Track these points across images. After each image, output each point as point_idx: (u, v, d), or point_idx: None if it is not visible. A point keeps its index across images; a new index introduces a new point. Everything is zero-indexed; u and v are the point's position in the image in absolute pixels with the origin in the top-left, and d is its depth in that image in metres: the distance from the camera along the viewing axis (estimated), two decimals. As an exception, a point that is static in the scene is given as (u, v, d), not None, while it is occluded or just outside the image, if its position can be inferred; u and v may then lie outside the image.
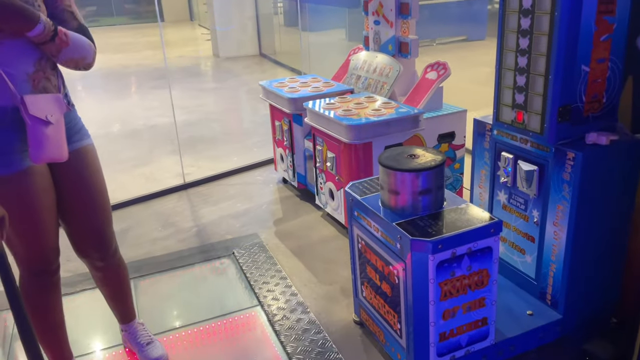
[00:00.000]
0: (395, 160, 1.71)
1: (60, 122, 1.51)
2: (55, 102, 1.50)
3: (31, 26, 1.38)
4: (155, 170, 3.90)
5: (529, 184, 1.84)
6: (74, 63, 1.54)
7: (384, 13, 2.95)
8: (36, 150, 1.44)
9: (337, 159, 2.66)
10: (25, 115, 1.42)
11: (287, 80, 3.45)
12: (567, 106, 1.67)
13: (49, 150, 1.46)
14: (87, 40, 1.56)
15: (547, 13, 1.60)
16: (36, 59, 1.48)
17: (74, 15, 1.56)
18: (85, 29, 1.58)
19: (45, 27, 1.41)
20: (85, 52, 1.55)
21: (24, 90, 1.45)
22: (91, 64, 1.60)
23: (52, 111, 1.49)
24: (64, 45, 1.47)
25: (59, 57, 1.50)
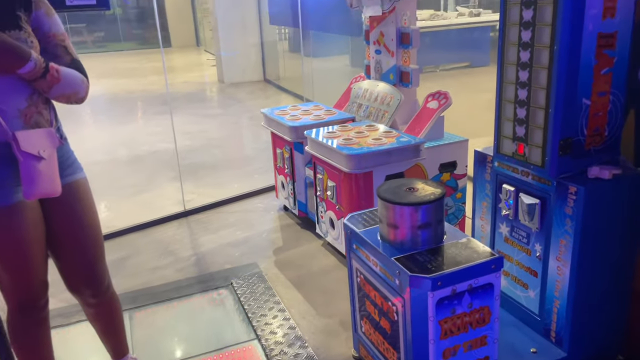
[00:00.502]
0: (394, 194, 1.69)
1: (53, 156, 1.50)
2: (47, 137, 1.49)
3: (22, 64, 1.38)
4: (156, 197, 3.89)
5: (531, 218, 1.81)
6: (65, 98, 1.54)
7: (385, 42, 2.96)
8: (29, 186, 1.43)
9: (338, 188, 2.64)
10: (17, 151, 1.41)
11: (288, 108, 3.45)
12: (568, 139, 1.65)
13: (41, 186, 1.45)
14: (79, 75, 1.56)
15: (547, 47, 1.59)
16: (28, 94, 1.47)
17: (67, 50, 1.56)
18: (78, 63, 1.58)
19: (36, 64, 1.40)
20: (77, 87, 1.54)
21: (16, 126, 1.44)
22: (83, 99, 1.59)
23: (44, 146, 1.47)
24: (55, 81, 1.47)
25: (50, 93, 1.49)
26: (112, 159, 4.94)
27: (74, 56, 1.58)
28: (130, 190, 4.07)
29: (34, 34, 1.49)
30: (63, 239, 1.64)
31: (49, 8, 1.55)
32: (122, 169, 4.66)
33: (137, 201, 3.83)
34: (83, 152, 1.86)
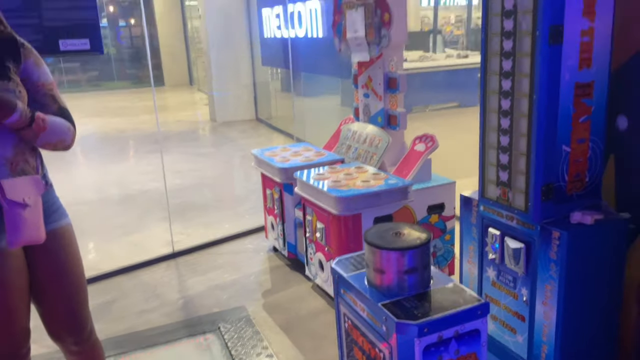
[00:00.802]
0: (381, 238, 1.70)
1: (38, 203, 1.50)
2: (33, 184, 1.50)
3: (8, 114, 1.40)
4: (144, 238, 3.87)
5: (517, 262, 1.82)
6: (51, 146, 1.56)
7: (373, 87, 3.03)
8: (13, 234, 1.43)
9: (327, 229, 2.64)
10: (2, 199, 1.42)
11: (279, 149, 3.49)
12: (549, 185, 1.68)
13: (26, 233, 1.45)
14: (66, 123, 1.58)
15: (526, 96, 1.64)
16: (14, 143, 1.49)
17: (54, 99, 1.59)
18: (65, 111, 1.60)
19: (22, 115, 1.42)
20: (64, 135, 1.57)
21: (3, 174, 1.45)
22: (69, 146, 1.61)
23: (29, 193, 1.48)
24: (41, 130, 1.49)
25: (37, 142, 1.52)
26: (101, 199, 4.93)
27: (61, 104, 1.60)
28: (119, 230, 4.04)
29: (23, 84, 1.52)
30: (46, 286, 1.62)
31: (38, 58, 1.59)
32: (111, 209, 4.64)
33: (126, 242, 3.80)
34: (72, 192, 1.87)
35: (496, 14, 1.72)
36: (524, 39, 1.62)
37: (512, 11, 1.65)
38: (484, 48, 1.79)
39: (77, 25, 2.84)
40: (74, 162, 6.33)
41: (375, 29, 2.81)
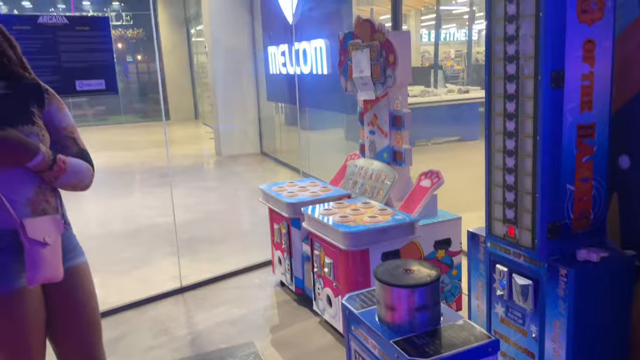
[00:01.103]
0: (391, 275, 1.73)
1: (57, 242, 1.55)
2: (52, 224, 1.55)
3: (31, 157, 1.46)
4: (152, 272, 3.89)
5: (525, 299, 1.84)
6: (71, 187, 1.62)
7: (379, 124, 3.11)
8: (32, 272, 1.47)
9: (335, 265, 2.67)
10: (24, 238, 1.47)
11: (286, 184, 3.55)
12: (555, 223, 1.72)
13: (45, 271, 1.49)
14: (85, 164, 1.64)
15: (530, 136, 1.70)
16: (36, 184, 1.55)
17: (75, 141, 1.65)
18: (85, 153, 1.67)
19: (44, 158, 1.48)
20: (83, 176, 1.63)
21: (24, 214, 1.51)
22: (88, 186, 1.67)
23: (49, 232, 1.53)
24: (62, 172, 1.55)
25: (57, 183, 1.57)
26: (108, 233, 4.97)
27: (81, 146, 1.67)
28: (126, 265, 4.07)
29: (45, 127, 1.59)
30: (62, 324, 1.65)
31: (60, 102, 1.66)
32: (118, 243, 4.67)
33: (133, 277, 3.82)
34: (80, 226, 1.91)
35: (499, 58, 1.80)
36: (526, 83, 1.70)
37: (514, 56, 1.73)
38: (488, 90, 1.87)
39: (93, 67, 2.95)
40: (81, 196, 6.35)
41: (380, 69, 2.90)
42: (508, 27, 1.72)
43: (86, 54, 2.94)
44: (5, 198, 1.47)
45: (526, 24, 1.66)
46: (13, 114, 1.52)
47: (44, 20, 2.79)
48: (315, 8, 5.68)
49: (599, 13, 1.64)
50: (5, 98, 1.54)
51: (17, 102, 1.56)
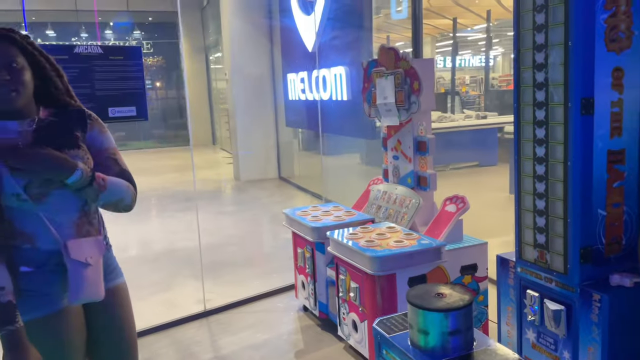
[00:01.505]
0: (424, 299, 1.74)
1: (99, 263, 1.60)
2: (95, 245, 1.60)
3: (70, 173, 1.50)
4: (176, 296, 3.92)
5: (557, 324, 1.84)
6: (113, 206, 1.65)
7: (403, 149, 3.15)
8: (75, 291, 1.52)
9: (361, 289, 2.68)
10: (67, 259, 1.52)
11: (309, 208, 3.58)
12: (587, 248, 1.73)
13: (87, 290, 1.54)
14: (125, 182, 1.67)
15: (561, 162, 1.73)
16: (80, 206, 1.60)
17: (116, 162, 1.70)
18: (127, 173, 1.71)
19: (83, 173, 1.52)
20: (123, 195, 1.65)
21: (69, 235, 1.56)
22: (130, 206, 1.70)
23: (92, 253, 1.58)
24: (102, 189, 1.58)
25: (98, 201, 1.61)
26: (131, 257, 5.03)
27: (122, 167, 1.71)
28: (151, 289, 4.11)
29: (89, 150, 1.66)
30: (102, 344, 1.69)
31: (102, 126, 1.72)
32: (142, 267, 4.72)
33: (157, 300, 3.86)
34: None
35: (528, 85, 1.84)
36: (556, 110, 1.73)
37: (543, 84, 1.77)
38: (517, 117, 1.90)
39: (125, 94, 3.05)
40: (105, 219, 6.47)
41: (405, 95, 2.96)
42: (537, 56, 1.77)
43: (119, 82, 3.04)
44: (53, 221, 1.53)
45: (555, 53, 1.70)
46: (60, 139, 1.59)
47: (80, 50, 2.91)
48: (335, 36, 5.80)
49: (627, 42, 1.68)
50: (53, 124, 1.61)
51: (64, 128, 1.63)
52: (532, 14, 1.78)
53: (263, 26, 8.45)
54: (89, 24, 13.31)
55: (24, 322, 1.45)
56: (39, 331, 1.51)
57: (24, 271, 1.50)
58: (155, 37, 15.46)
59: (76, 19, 12.99)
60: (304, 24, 6.59)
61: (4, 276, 1.44)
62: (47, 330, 1.53)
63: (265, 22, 8.45)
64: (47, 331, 1.53)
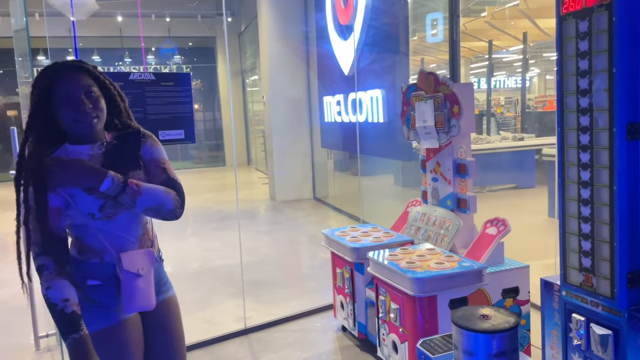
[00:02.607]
0: (469, 321, 1.77)
1: (150, 274, 1.69)
2: (146, 256, 1.70)
3: (100, 181, 1.57)
4: (216, 313, 4.01)
5: (605, 349, 1.83)
6: (154, 212, 1.68)
7: (442, 172, 3.18)
8: (128, 301, 1.62)
9: (401, 310, 2.70)
10: (120, 270, 1.62)
11: (348, 229, 3.64)
12: (635, 272, 1.73)
13: (138, 300, 1.64)
14: (164, 189, 1.69)
15: (606, 186, 1.74)
16: (143, 224, 1.72)
17: (165, 171, 1.74)
18: (173, 181, 1.74)
19: (114, 180, 1.58)
20: (163, 200, 1.67)
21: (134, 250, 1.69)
22: (174, 212, 1.72)
23: (143, 264, 1.68)
24: (137, 194, 1.61)
25: (137, 207, 1.64)
26: (170, 274, 5.14)
27: (170, 175, 1.75)
28: (191, 306, 4.20)
29: (144, 164, 1.75)
30: (154, 354, 1.78)
31: (155, 140, 1.81)
32: (181, 284, 4.79)
33: (198, 317, 3.95)
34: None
35: (571, 110, 1.87)
36: (601, 134, 1.75)
37: (587, 109, 1.80)
38: (560, 141, 1.92)
39: (174, 118, 3.20)
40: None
41: (444, 118, 3.01)
42: (581, 82, 1.80)
43: (169, 107, 3.20)
44: (121, 237, 1.65)
45: (599, 79, 1.73)
46: (125, 160, 1.71)
47: (135, 77, 3.08)
48: (372, 60, 5.91)
49: (672, 68, 1.69)
50: (119, 147, 1.73)
51: (128, 150, 1.74)
52: (575, 41, 1.81)
53: (300, 50, 8.66)
54: (132, 49, 13.88)
55: (91, 333, 1.55)
56: (104, 341, 1.61)
57: (91, 284, 1.60)
58: (195, 61, 15.97)
59: (121, 45, 13.59)
60: (341, 48, 6.74)
61: (69, 288, 1.54)
62: (111, 341, 1.63)
63: (303, 47, 8.67)
64: (112, 341, 1.63)
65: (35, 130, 1.61)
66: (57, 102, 1.59)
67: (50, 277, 1.52)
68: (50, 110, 1.61)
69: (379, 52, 5.75)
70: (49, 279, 1.52)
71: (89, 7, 5.59)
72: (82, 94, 1.61)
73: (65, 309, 1.50)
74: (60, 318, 1.50)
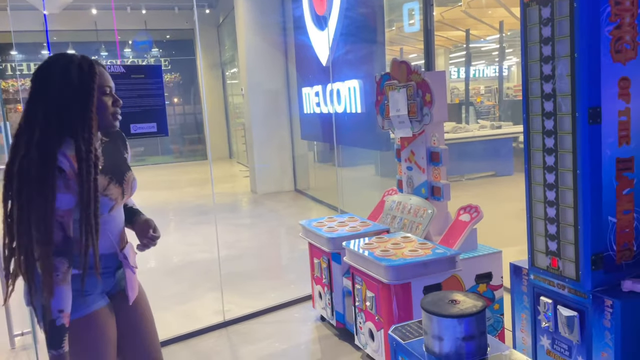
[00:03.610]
0: (438, 306, 1.79)
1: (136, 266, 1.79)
2: (133, 250, 1.79)
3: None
4: (195, 307, 3.99)
5: (571, 330, 1.86)
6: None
7: (416, 160, 3.20)
8: (132, 292, 1.76)
9: (377, 298, 2.72)
10: (126, 264, 1.74)
11: (325, 219, 3.64)
12: (599, 254, 1.76)
13: (135, 291, 1.77)
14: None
15: (570, 170, 1.77)
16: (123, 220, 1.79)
17: None
18: None
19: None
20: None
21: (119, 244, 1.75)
22: None
23: (134, 258, 1.78)
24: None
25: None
26: (150, 269, 5.12)
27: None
28: (170, 300, 4.19)
29: None
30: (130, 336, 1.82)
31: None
32: (161, 279, 4.81)
33: (177, 312, 3.94)
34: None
35: (536, 96, 1.89)
36: (564, 119, 1.77)
37: (551, 94, 1.82)
38: (526, 127, 1.95)
39: (146, 111, 3.16)
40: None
41: (417, 107, 3.02)
42: (544, 67, 1.82)
43: (140, 100, 3.15)
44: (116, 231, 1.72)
45: (562, 64, 1.75)
46: (116, 159, 1.74)
47: (104, 69, 3.03)
48: (348, 51, 5.90)
49: (633, 52, 1.72)
50: (109, 146, 1.74)
51: (117, 150, 1.77)
52: (539, 27, 1.83)
53: (278, 42, 8.61)
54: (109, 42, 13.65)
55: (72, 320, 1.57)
56: (83, 329, 1.63)
57: (74, 273, 1.60)
58: (173, 54, 15.77)
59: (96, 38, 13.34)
60: (318, 39, 6.71)
61: (67, 297, 1.53)
62: (90, 328, 1.65)
63: (280, 38, 8.61)
64: (90, 329, 1.65)
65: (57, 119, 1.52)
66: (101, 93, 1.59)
67: (57, 280, 1.49)
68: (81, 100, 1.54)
69: (355, 42, 5.74)
70: (57, 281, 1.49)
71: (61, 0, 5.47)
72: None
73: (56, 321, 1.49)
74: (51, 329, 1.49)
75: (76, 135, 1.52)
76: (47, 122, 1.51)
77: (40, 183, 1.46)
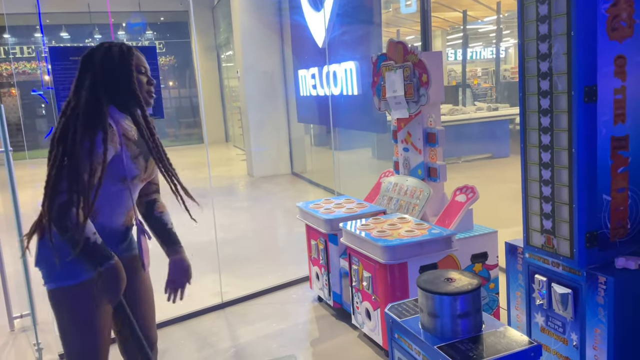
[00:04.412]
0: (434, 284, 1.81)
1: None
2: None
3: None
4: (193, 289, 3.98)
5: (565, 307, 1.89)
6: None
7: (412, 141, 3.20)
8: (147, 259, 1.96)
9: (373, 278, 2.75)
10: (140, 233, 1.93)
11: (322, 201, 3.65)
12: (593, 232, 1.78)
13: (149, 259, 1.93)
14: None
15: (565, 149, 1.77)
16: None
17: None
18: None
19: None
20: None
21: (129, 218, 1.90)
22: None
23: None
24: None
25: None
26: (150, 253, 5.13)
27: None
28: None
29: None
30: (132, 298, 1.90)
31: None
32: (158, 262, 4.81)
33: (176, 293, 3.95)
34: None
35: (532, 75, 1.88)
36: (560, 98, 1.78)
37: (547, 73, 1.82)
38: (522, 106, 1.95)
39: (141, 93, 3.12)
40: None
41: (414, 88, 3.01)
42: (541, 46, 1.81)
43: (135, 81, 3.12)
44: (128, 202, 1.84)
45: (559, 43, 1.74)
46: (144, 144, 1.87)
47: (98, 51, 3.00)
48: (345, 32, 5.85)
49: (629, 30, 1.71)
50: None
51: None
52: (535, 5, 1.82)
53: (273, 23, 8.52)
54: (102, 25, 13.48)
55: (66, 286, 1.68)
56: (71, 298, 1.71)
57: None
58: (168, 37, 15.61)
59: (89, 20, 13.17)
60: (314, 20, 6.65)
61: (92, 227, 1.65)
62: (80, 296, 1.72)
63: (276, 20, 8.53)
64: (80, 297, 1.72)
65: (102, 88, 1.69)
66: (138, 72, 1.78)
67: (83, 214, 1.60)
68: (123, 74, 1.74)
69: (351, 23, 5.69)
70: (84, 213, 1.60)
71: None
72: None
73: (97, 241, 1.63)
74: (94, 249, 1.62)
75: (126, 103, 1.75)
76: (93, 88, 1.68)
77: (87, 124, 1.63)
